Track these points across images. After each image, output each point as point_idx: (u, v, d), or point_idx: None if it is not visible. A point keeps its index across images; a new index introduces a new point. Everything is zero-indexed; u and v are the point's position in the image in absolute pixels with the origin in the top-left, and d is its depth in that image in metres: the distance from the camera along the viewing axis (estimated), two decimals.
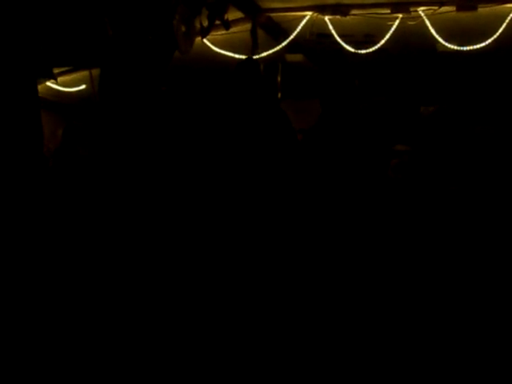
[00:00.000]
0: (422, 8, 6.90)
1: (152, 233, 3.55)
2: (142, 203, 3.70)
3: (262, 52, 7.18)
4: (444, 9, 6.79)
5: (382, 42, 7.18)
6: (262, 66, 3.90)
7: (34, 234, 3.65)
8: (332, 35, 7.13)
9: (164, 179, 3.71)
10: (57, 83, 7.45)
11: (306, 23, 7.11)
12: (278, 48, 7.29)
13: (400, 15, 6.97)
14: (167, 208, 3.59)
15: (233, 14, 6.77)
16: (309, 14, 7.11)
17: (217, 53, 7.30)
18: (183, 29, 5.93)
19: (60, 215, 4.14)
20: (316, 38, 7.35)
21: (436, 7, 6.80)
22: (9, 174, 3.64)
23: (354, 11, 6.98)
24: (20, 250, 3.59)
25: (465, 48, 7.03)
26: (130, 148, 3.98)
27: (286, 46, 7.33)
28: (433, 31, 6.93)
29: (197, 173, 3.69)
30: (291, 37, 7.25)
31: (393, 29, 7.04)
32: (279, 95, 6.34)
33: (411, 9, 6.93)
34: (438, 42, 7.04)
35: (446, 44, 7.03)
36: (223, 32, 6.90)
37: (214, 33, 6.97)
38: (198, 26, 6.42)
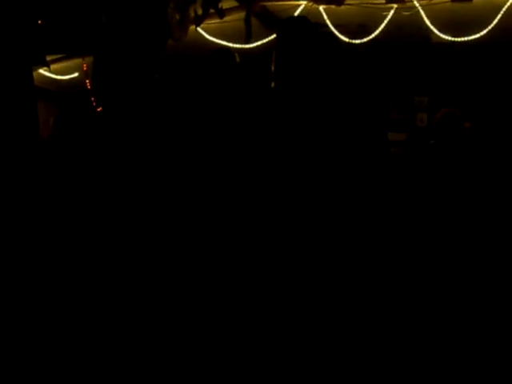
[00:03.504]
0: None
1: (149, 227, 3.53)
2: (136, 194, 3.69)
3: (256, 41, 7.15)
4: None
5: (377, 32, 7.16)
6: (238, 56, 3.81)
7: (28, 226, 3.64)
8: (326, 25, 7.11)
9: (158, 169, 3.70)
10: (50, 71, 7.41)
11: (301, 13, 7.07)
12: (272, 37, 7.25)
13: (395, 5, 6.95)
14: (163, 200, 3.57)
15: (227, 3, 6.75)
16: (303, 3, 7.08)
17: (211, 41, 7.27)
18: (177, 17, 5.91)
19: (54, 206, 4.12)
20: None
21: None
22: (4, 163, 3.62)
23: (349, 1, 6.96)
24: (12, 244, 3.58)
25: (459, 39, 7.02)
26: (123, 136, 3.96)
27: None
28: (427, 22, 6.92)
29: (190, 164, 3.68)
30: None
31: (387, 19, 7.02)
32: (272, 84, 6.31)
33: None
34: (433, 32, 7.02)
35: (441, 35, 7.02)
36: (217, 20, 6.88)
37: (208, 21, 6.94)
38: (192, 14, 6.40)
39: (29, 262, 3.57)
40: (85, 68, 7.42)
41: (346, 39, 7.24)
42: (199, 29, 6.89)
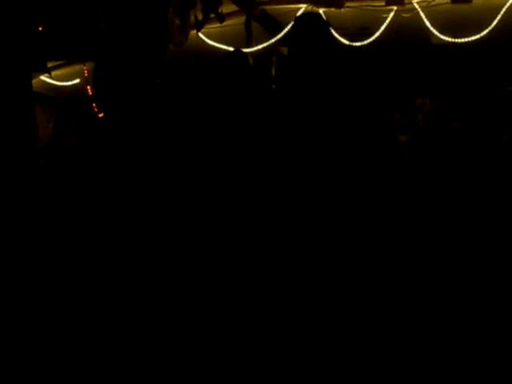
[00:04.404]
0: (417, 0, 6.90)
1: (149, 229, 3.54)
2: (138, 198, 3.69)
3: (257, 45, 7.17)
4: (438, 1, 6.79)
5: (377, 34, 7.17)
6: (251, 58, 3.87)
7: (28, 228, 3.64)
8: None
9: (160, 172, 3.71)
10: (51, 77, 7.43)
11: None
12: (272, 41, 7.27)
13: (394, 7, 6.96)
14: (164, 203, 3.57)
15: (227, 7, 6.76)
16: (303, 6, 7.09)
17: (211, 46, 7.28)
18: (177, 22, 5.93)
19: (53, 211, 4.13)
20: None
21: None
22: (2, 168, 3.63)
23: (349, 3, 6.97)
24: (12, 246, 3.58)
25: (460, 40, 7.03)
26: (125, 141, 3.97)
27: (280, 38, 7.31)
28: (427, 23, 6.93)
29: (192, 166, 3.68)
30: (285, 30, 7.23)
31: (387, 21, 7.03)
32: (273, 87, 6.34)
33: (406, 1, 6.93)
34: (433, 34, 7.03)
35: (441, 36, 7.03)
36: (218, 25, 6.89)
37: (209, 26, 6.96)
38: (192, 19, 6.42)
39: (29, 264, 3.59)
40: (86, 74, 7.44)
41: (347, 42, 7.25)
42: (200, 33, 6.91)
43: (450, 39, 7.07)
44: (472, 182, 4.42)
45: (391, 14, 6.98)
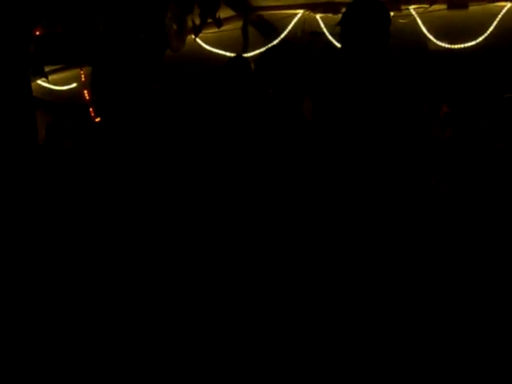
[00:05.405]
0: (413, 6, 6.91)
1: (147, 232, 3.54)
2: (135, 201, 3.70)
3: (254, 50, 7.17)
4: (435, 7, 6.80)
5: None
6: (253, 64, 3.91)
7: (30, 231, 3.65)
8: (324, 33, 7.13)
9: (157, 176, 3.71)
10: (48, 81, 7.43)
11: (298, 21, 7.10)
12: (269, 46, 7.27)
13: (391, 13, 6.95)
14: (161, 206, 3.58)
15: (224, 12, 6.77)
16: (300, 11, 7.10)
17: (208, 51, 7.29)
18: (175, 27, 5.93)
19: (52, 213, 4.13)
20: (308, 36, 7.35)
21: (427, 5, 6.81)
22: (3, 173, 3.64)
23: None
24: (11, 247, 3.59)
25: (456, 46, 7.05)
26: (123, 145, 3.97)
27: (277, 44, 7.32)
28: (424, 29, 6.94)
29: (189, 171, 3.69)
30: (282, 35, 7.25)
31: None
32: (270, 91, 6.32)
33: (402, 7, 6.94)
34: (430, 40, 7.05)
35: (438, 42, 7.04)
36: (215, 30, 6.90)
37: (206, 31, 6.96)
38: (189, 24, 6.43)
39: (26, 264, 3.59)
40: (83, 79, 7.44)
41: None
42: (197, 38, 6.91)
43: (446, 45, 7.08)
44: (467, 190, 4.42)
45: None
